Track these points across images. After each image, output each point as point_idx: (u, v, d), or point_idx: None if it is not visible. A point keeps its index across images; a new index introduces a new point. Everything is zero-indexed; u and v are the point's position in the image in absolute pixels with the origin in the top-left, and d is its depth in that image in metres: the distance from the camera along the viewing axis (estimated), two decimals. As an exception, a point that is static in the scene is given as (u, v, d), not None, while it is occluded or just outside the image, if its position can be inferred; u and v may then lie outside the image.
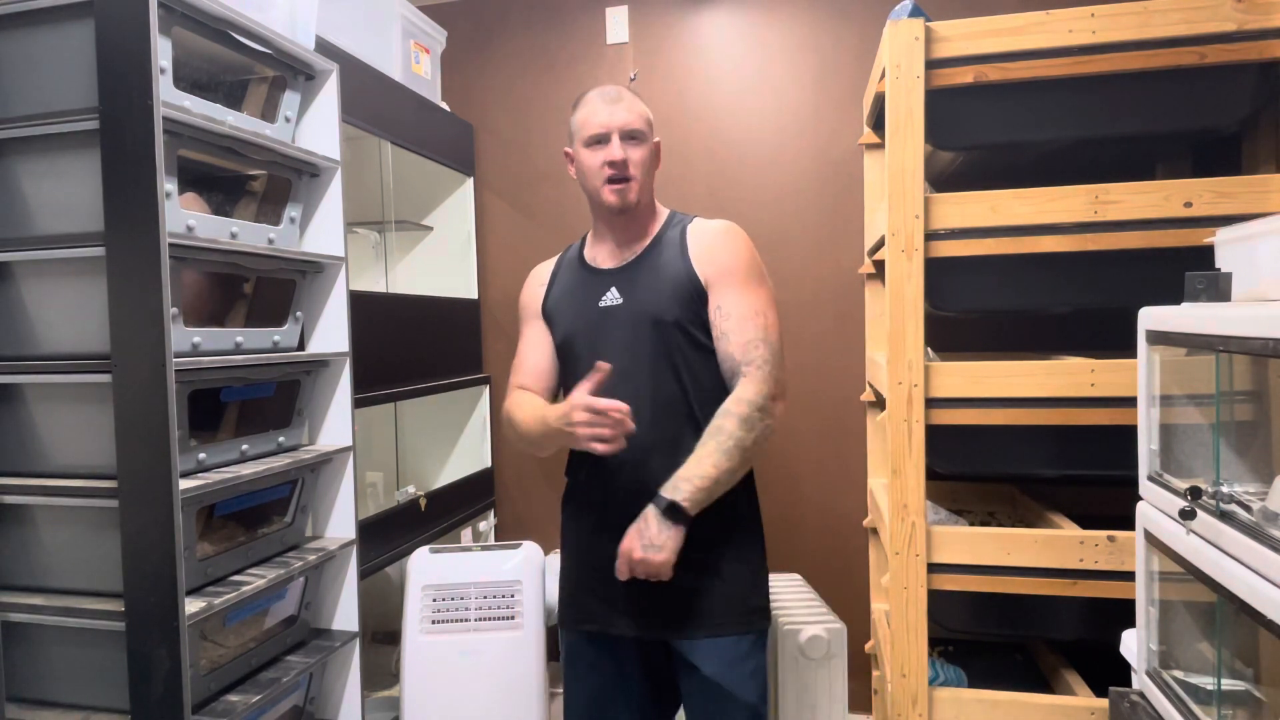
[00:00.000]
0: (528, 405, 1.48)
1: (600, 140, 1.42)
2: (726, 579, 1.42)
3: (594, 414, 1.25)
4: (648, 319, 1.40)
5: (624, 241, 1.50)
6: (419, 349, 2.46)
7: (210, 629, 1.57)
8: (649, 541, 1.28)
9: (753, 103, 2.61)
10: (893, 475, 1.61)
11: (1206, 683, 1.06)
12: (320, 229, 1.89)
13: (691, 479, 1.29)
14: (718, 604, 1.41)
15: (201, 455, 1.56)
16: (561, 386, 1.55)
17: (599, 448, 1.25)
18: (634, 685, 1.51)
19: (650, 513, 1.29)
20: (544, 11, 2.80)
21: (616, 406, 1.24)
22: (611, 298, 1.45)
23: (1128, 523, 1.30)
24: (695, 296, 1.41)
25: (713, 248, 1.43)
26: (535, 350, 1.56)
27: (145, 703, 1.40)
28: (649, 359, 1.40)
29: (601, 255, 1.52)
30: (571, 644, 1.53)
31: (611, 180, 1.41)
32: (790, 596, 2.23)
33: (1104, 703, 1.55)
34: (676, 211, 1.54)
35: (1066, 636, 1.72)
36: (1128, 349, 1.32)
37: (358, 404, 1.96)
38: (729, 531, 1.43)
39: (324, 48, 1.92)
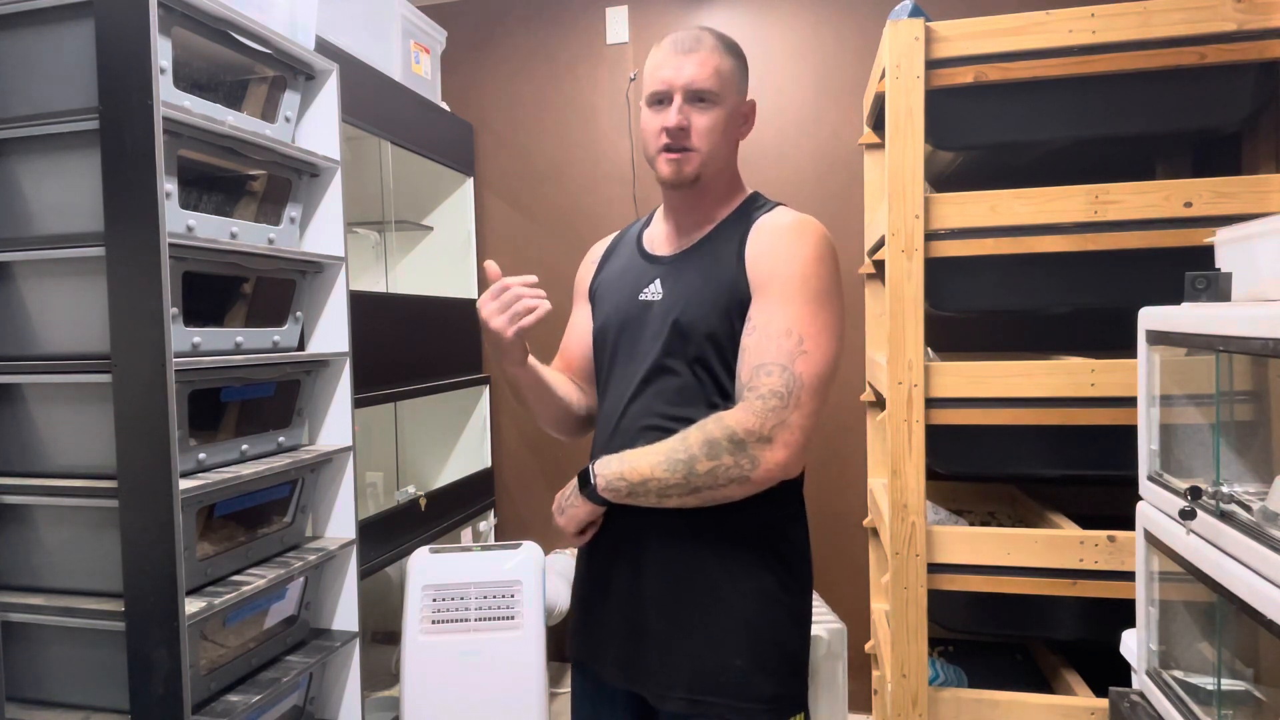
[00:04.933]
0: None
1: (661, 100, 1.14)
2: (720, 646, 1.10)
3: (499, 300, 1.08)
4: (676, 325, 1.13)
5: (684, 225, 1.22)
6: (419, 349, 2.46)
7: (210, 629, 1.57)
8: (560, 503, 1.17)
9: (753, 103, 2.61)
10: (893, 475, 1.61)
11: (1206, 683, 1.06)
12: (320, 229, 1.89)
13: (625, 462, 1.10)
14: (705, 675, 1.10)
15: (201, 455, 1.56)
16: (597, 385, 1.30)
17: (525, 321, 1.08)
18: None
19: (577, 476, 1.16)
20: (544, 11, 2.80)
21: (519, 279, 1.08)
22: (653, 291, 1.19)
23: (1128, 523, 1.30)
24: (742, 306, 1.12)
25: (769, 246, 1.12)
26: (575, 338, 1.34)
27: (145, 703, 1.40)
28: (669, 372, 1.14)
29: (659, 239, 1.25)
30: (574, 679, 1.31)
31: (668, 149, 1.14)
32: (790, 596, 2.23)
33: (1104, 703, 1.55)
34: (762, 196, 1.24)
35: (1066, 636, 1.72)
36: (1128, 349, 1.32)
37: (358, 404, 1.96)
38: (737, 585, 1.12)
39: (324, 48, 1.92)
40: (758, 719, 1.10)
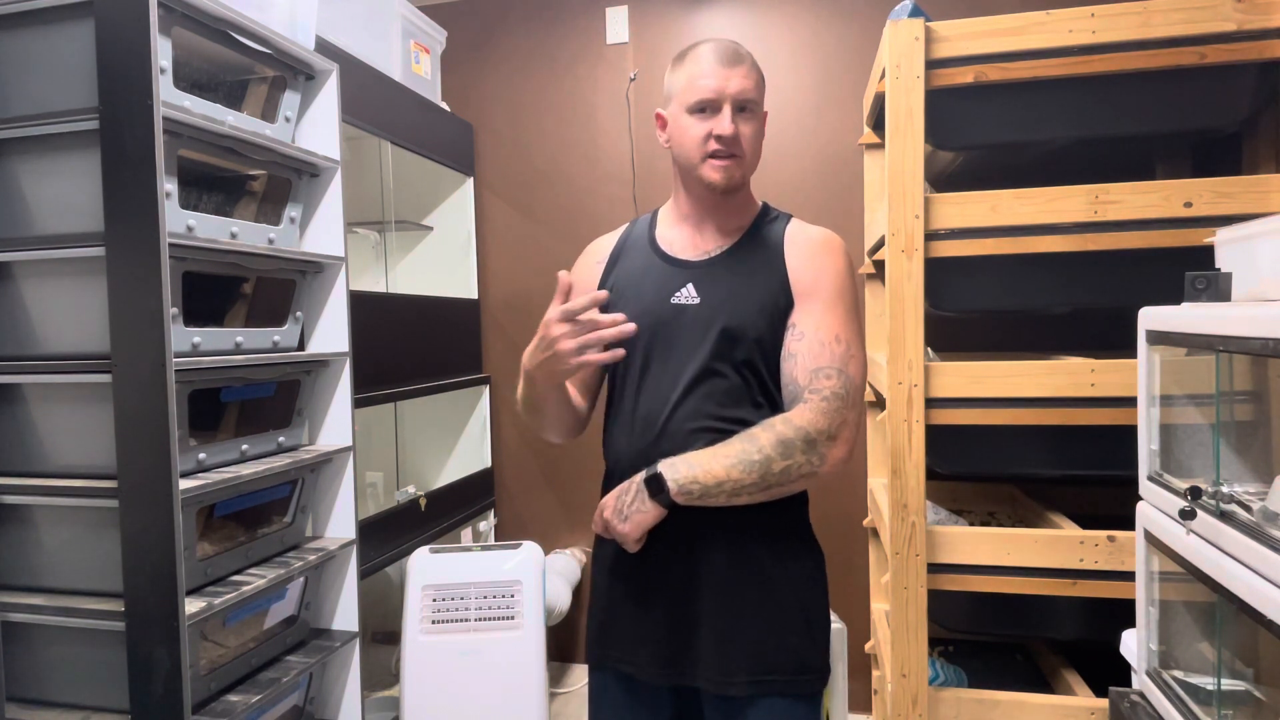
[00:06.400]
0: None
1: (708, 109, 1.18)
2: (778, 627, 1.19)
3: (575, 324, 1.06)
4: (724, 329, 1.18)
5: (713, 230, 1.25)
6: (419, 349, 2.46)
7: (210, 629, 1.57)
8: (620, 506, 1.15)
9: (753, 103, 2.61)
10: (893, 475, 1.61)
11: (1206, 683, 1.06)
12: (320, 229, 1.89)
13: (695, 466, 1.11)
14: (766, 656, 1.17)
15: (201, 455, 1.56)
16: (611, 388, 1.31)
17: (592, 356, 1.06)
18: None
19: (637, 477, 1.15)
20: (544, 11, 2.80)
21: (608, 319, 1.06)
22: (687, 295, 1.21)
23: (1128, 523, 1.30)
24: (784, 313, 1.20)
25: (810, 258, 1.21)
26: None
27: (145, 703, 1.40)
28: (717, 374, 1.18)
29: (680, 242, 1.27)
30: (597, 682, 1.30)
31: (716, 155, 1.18)
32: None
33: (1104, 703, 1.55)
34: (768, 203, 1.31)
35: (1066, 636, 1.72)
36: (1128, 349, 1.32)
37: (358, 404, 1.96)
38: (786, 570, 1.21)
39: (324, 48, 1.92)
40: (810, 688, 1.20)
